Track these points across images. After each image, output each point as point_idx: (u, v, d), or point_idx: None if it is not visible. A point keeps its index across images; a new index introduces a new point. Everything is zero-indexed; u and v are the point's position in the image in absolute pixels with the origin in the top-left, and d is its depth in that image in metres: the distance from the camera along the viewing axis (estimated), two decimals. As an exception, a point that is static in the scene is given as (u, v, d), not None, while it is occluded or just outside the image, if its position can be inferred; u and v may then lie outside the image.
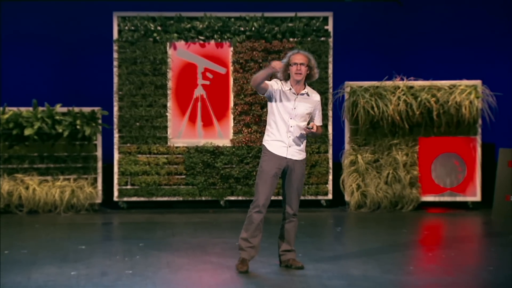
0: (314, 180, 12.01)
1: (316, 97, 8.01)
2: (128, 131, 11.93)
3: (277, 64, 7.70)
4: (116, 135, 11.94)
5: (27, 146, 11.78)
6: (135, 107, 11.92)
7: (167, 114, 11.94)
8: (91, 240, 9.61)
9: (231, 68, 11.98)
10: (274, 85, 7.89)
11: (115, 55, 11.92)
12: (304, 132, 7.88)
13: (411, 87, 11.89)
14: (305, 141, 7.99)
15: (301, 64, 7.85)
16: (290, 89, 7.89)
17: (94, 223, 11.08)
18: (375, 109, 11.75)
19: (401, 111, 11.77)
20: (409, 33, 13.58)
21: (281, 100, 7.88)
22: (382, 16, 13.57)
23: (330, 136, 12.00)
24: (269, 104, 7.95)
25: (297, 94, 7.89)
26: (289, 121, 7.86)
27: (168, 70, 11.93)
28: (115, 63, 11.91)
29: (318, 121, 8.05)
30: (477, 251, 9.36)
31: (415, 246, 9.60)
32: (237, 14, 11.99)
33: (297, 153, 7.92)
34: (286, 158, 7.88)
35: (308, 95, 7.95)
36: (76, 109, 11.76)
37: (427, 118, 11.91)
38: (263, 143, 7.96)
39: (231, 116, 11.99)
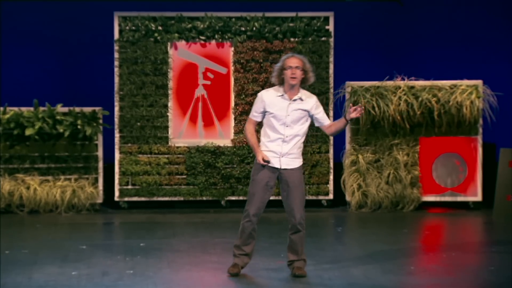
0: (315, 180, 12.00)
1: (311, 100, 7.62)
2: (129, 131, 11.93)
3: (260, 159, 7.52)
4: (117, 135, 11.95)
5: (28, 146, 11.78)
6: (136, 107, 11.93)
7: (168, 114, 11.95)
8: (92, 240, 9.61)
9: (232, 68, 11.98)
10: (260, 108, 7.60)
11: (116, 55, 11.92)
12: (301, 141, 7.62)
13: (412, 87, 11.88)
14: (301, 147, 7.67)
15: (296, 67, 7.51)
16: (283, 95, 7.56)
17: (95, 223, 11.08)
18: (376, 109, 11.74)
19: (402, 111, 11.77)
20: (410, 33, 13.57)
21: (273, 111, 7.56)
22: (383, 16, 13.57)
23: (331, 136, 11.99)
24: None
25: (290, 100, 7.56)
26: (285, 130, 7.55)
27: (169, 70, 11.93)
28: (116, 63, 11.92)
29: (326, 121, 7.66)
30: (478, 251, 9.35)
31: (416, 246, 9.60)
32: (238, 14, 11.99)
33: (291, 161, 7.60)
34: (279, 168, 7.60)
35: (301, 99, 7.58)
36: (77, 109, 11.76)
37: (428, 118, 11.90)
38: None
39: (232, 116, 11.99)
